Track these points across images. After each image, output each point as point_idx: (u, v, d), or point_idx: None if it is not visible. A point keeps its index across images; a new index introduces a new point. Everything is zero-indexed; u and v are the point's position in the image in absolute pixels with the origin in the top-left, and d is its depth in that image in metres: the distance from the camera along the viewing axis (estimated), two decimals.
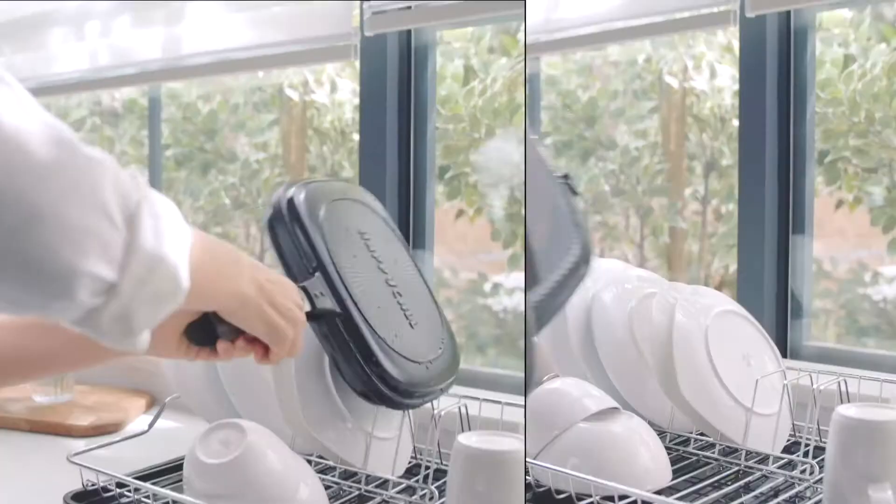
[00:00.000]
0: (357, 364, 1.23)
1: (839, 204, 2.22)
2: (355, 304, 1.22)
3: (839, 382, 1.35)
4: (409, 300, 1.32)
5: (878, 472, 1.06)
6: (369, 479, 1.35)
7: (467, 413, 1.36)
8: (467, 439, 1.11)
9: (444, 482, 1.21)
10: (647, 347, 1.42)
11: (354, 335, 1.22)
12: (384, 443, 1.38)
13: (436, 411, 1.33)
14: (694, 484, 1.30)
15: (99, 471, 1.33)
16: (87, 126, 3.32)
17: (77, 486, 1.35)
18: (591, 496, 1.20)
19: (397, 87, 2.06)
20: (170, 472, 1.43)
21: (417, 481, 1.32)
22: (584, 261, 1.17)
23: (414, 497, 1.29)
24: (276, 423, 1.29)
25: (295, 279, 1.23)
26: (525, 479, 1.24)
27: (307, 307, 1.18)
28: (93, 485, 1.34)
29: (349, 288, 1.22)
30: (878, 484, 1.05)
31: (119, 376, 2.06)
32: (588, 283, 1.42)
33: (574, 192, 1.28)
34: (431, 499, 1.26)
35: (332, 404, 1.35)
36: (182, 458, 1.30)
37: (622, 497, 1.18)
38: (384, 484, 1.33)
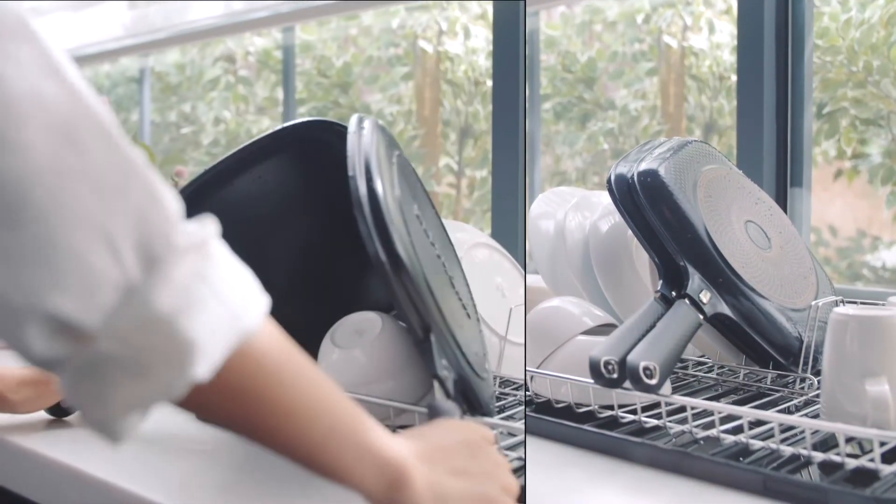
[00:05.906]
0: None
1: (838, 174, 2.19)
2: None
3: (837, 302, 1.32)
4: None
5: (874, 366, 1.02)
6: (503, 382, 1.32)
7: None
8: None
9: None
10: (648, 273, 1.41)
11: None
12: (518, 348, 1.35)
13: None
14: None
15: None
16: (220, 85, 3.36)
17: None
18: (589, 405, 1.15)
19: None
20: None
21: None
22: None
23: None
24: None
25: None
26: (525, 395, 1.23)
27: None
28: None
29: None
30: (874, 378, 1.01)
31: None
32: (587, 213, 1.46)
33: None
34: None
35: None
36: None
37: (622, 405, 1.13)
38: (518, 388, 1.30)
